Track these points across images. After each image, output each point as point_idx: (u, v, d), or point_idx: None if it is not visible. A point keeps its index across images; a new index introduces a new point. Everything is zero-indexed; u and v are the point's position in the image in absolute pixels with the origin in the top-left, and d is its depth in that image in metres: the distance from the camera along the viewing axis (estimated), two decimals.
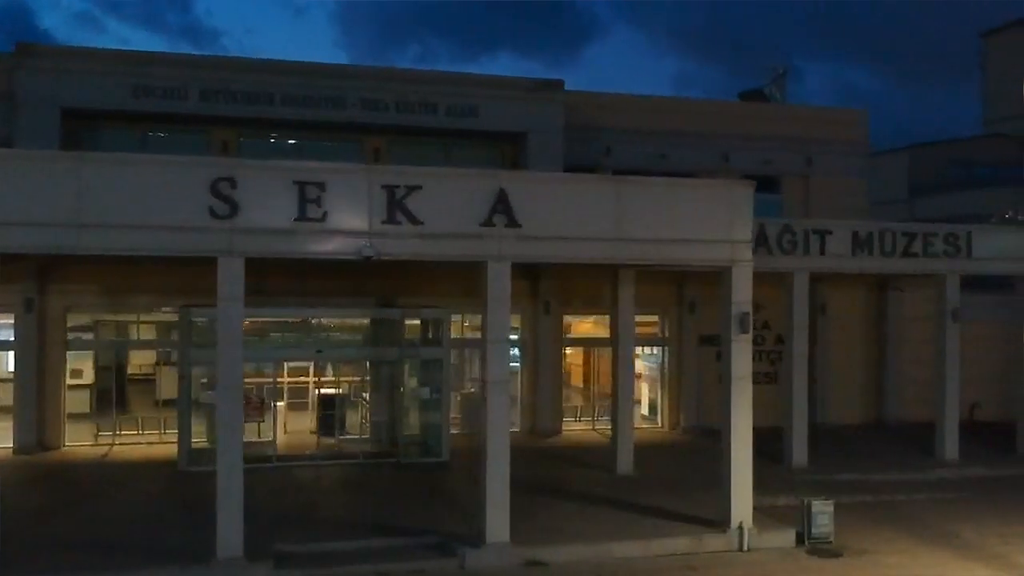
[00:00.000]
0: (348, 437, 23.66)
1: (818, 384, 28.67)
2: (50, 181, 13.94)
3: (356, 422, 24.11)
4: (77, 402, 24.54)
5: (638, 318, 28.89)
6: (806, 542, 16.84)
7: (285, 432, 24.03)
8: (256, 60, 25.69)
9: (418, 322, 23.45)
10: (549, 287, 26.24)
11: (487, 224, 15.39)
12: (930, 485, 21.71)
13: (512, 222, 15.46)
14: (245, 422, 22.11)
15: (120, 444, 23.99)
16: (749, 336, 16.94)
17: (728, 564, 15.94)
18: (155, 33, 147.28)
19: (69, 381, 24.24)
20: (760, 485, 17.60)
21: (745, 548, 16.56)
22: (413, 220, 15.05)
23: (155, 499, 18.88)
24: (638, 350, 28.77)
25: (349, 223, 14.86)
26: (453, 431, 23.23)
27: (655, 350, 28.74)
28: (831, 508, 17.06)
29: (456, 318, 24.07)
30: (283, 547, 15.42)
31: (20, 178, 13.86)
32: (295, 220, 14.68)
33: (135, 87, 23.80)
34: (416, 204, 15.05)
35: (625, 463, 21.35)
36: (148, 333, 25.33)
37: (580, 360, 29.61)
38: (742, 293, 16.76)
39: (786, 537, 16.97)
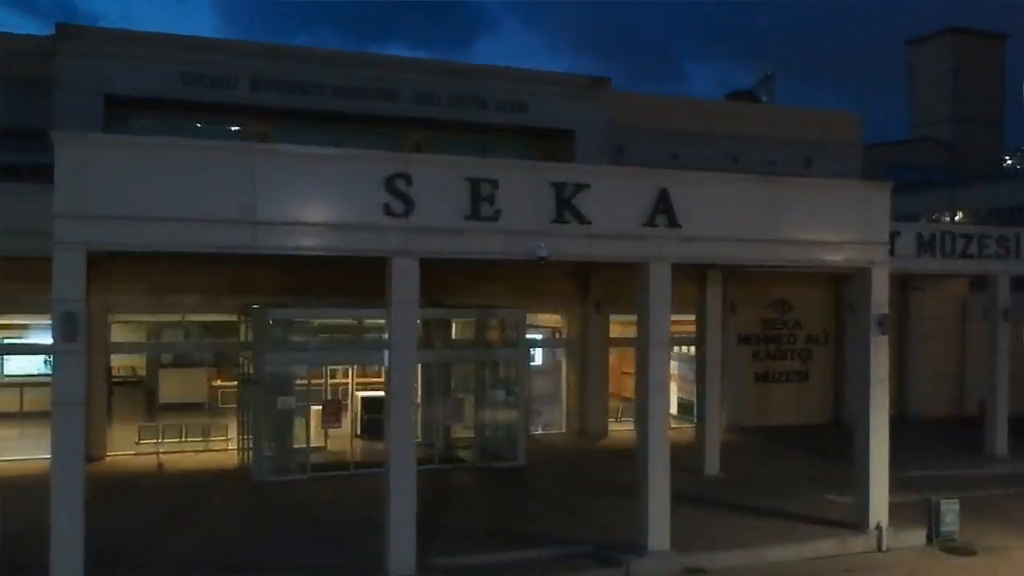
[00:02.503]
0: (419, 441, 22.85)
1: (846, 383, 29.14)
2: (222, 175, 12.94)
3: (425, 426, 23.26)
4: (117, 409, 23.10)
5: (676, 318, 29.02)
6: (934, 540, 17.00)
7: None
8: (309, 49, 24.73)
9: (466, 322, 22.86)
10: (599, 287, 25.93)
11: (649, 224, 15.00)
12: (992, 481, 22.22)
13: (673, 222, 15.10)
14: (327, 427, 21.52)
15: (164, 453, 22.62)
16: (886, 337, 16.95)
17: (881, 566, 15.93)
18: (26, 16, 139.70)
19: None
20: (839, 484, 17.65)
21: (884, 548, 16.60)
22: (581, 220, 14.54)
23: (257, 512, 17.84)
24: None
25: (520, 222, 14.25)
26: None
27: (691, 350, 28.69)
28: (957, 506, 17.24)
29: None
30: (439, 561, 14.71)
31: (190, 170, 12.79)
32: (466, 219, 14.00)
33: (184, 74, 22.52)
34: (583, 203, 14.55)
35: (712, 464, 21.24)
36: (194, 334, 23.99)
37: (615, 360, 29.39)
38: (880, 295, 16.76)
39: (917, 536, 17.07)
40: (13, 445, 22.51)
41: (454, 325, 23.35)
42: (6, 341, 25.69)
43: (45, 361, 26.91)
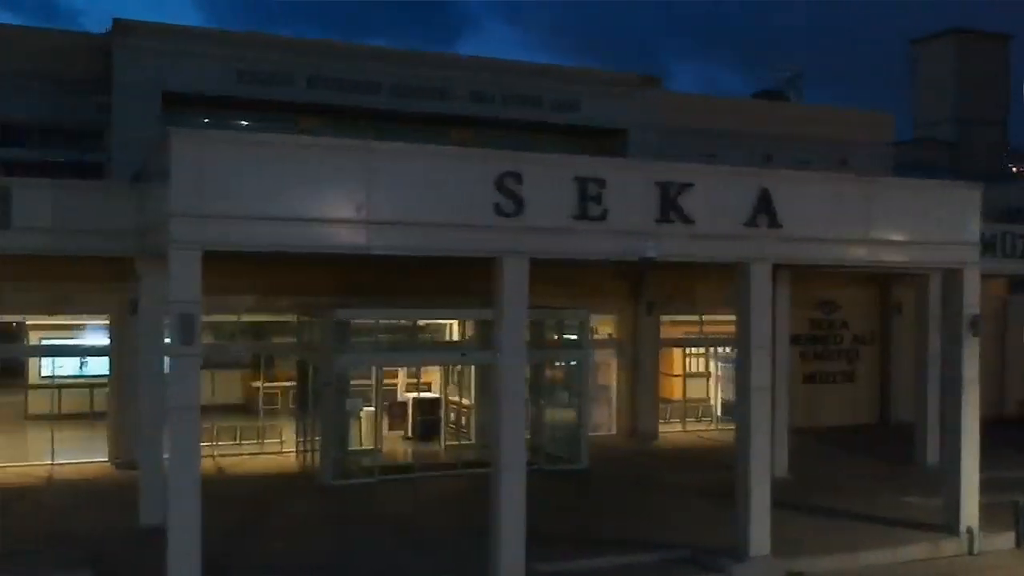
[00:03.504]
0: (464, 443, 22.64)
1: (892, 383, 29.10)
2: (337, 173, 12.65)
3: (480, 428, 22.97)
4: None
5: (722, 318, 28.86)
6: (1022, 543, 16.87)
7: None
8: (366, 46, 24.42)
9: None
10: (652, 287, 25.72)
11: (750, 224, 14.78)
12: None
13: (774, 222, 14.88)
14: (393, 429, 21.27)
15: (220, 456, 22.24)
16: (978, 338, 16.78)
17: (978, 570, 15.79)
18: (3, 11, 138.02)
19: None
20: (909, 486, 17.48)
21: (975, 552, 16.46)
22: (685, 219, 14.31)
23: (338, 517, 17.52)
24: (710, 350, 28.78)
25: (627, 222, 14.01)
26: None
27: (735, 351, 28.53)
28: None
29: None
30: (542, 567, 14.43)
31: (304, 169, 12.48)
32: (574, 218, 13.75)
33: (241, 71, 22.17)
34: (687, 202, 14.31)
35: (780, 466, 21.03)
36: (247, 335, 23.59)
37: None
38: (972, 295, 16.57)
39: (1005, 539, 16.94)
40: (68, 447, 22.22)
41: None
42: (46, 342, 25.20)
43: (81, 364, 26.54)
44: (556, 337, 22.49)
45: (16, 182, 15.95)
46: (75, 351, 23.47)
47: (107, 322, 21.78)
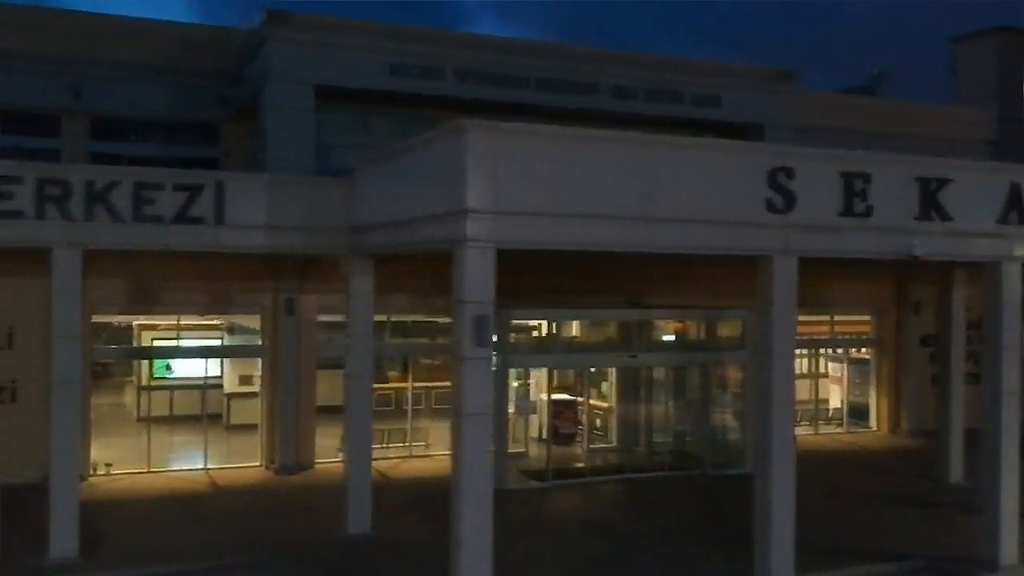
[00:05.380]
0: (605, 447, 22.13)
1: None
2: (621, 168, 12.07)
3: (622, 431, 22.43)
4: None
5: (849, 318, 28.40)
6: None
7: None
8: (514, 40, 23.84)
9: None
10: None
11: (1002, 221, 14.25)
12: None
13: (1023, 219, 14.37)
14: (562, 431, 20.74)
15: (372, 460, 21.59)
16: None
17: None
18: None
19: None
20: None
21: None
22: (943, 216, 13.76)
23: (545, 523, 17.01)
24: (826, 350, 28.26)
25: (890, 219, 13.46)
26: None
27: (863, 351, 28.10)
28: None
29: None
30: None
31: (591, 163, 11.91)
32: (840, 215, 13.22)
33: (392, 65, 21.55)
34: (945, 199, 13.77)
35: (956, 471, 20.53)
36: (396, 335, 22.92)
37: None
38: None
39: None
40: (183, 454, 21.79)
41: (655, 326, 22.47)
42: (158, 343, 24.55)
43: (167, 366, 25.89)
44: (718, 338, 21.87)
45: (229, 176, 15.32)
46: (226, 352, 22.84)
47: (258, 323, 21.20)
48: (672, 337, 22.13)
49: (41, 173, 13.89)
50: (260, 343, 21.30)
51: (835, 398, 28.55)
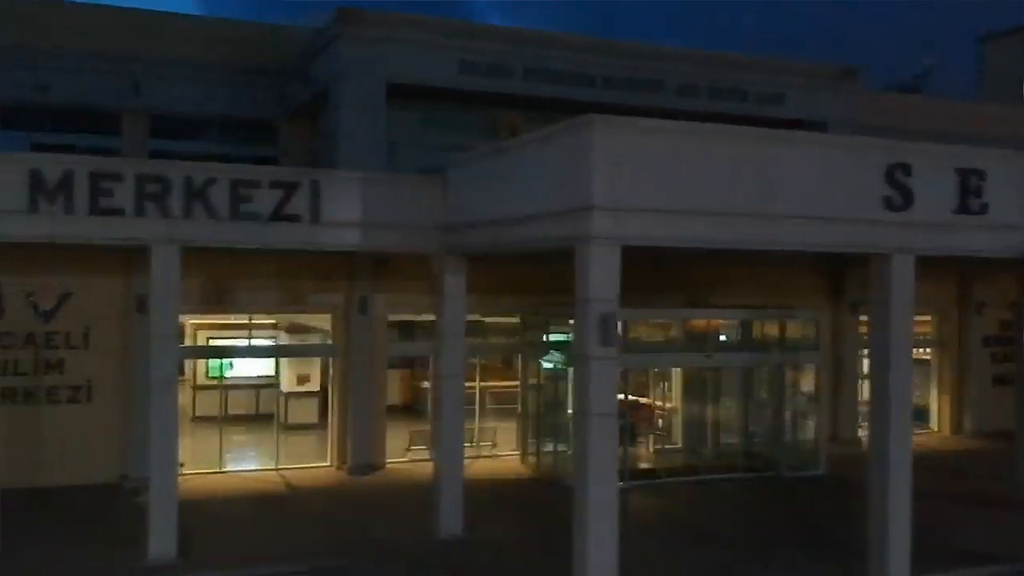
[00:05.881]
0: (670, 448, 21.87)
1: None
2: (742, 163, 11.88)
3: (687, 432, 22.18)
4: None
5: (917, 318, 28.06)
6: None
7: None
8: (581, 37, 23.59)
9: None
10: (856, 285, 24.89)
11: None
12: None
13: None
14: (641, 435, 20.53)
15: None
16: None
17: None
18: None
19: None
20: None
21: None
22: None
23: (640, 524, 16.72)
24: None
25: (1003, 217, 13.25)
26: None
27: (924, 352, 27.80)
28: None
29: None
30: None
31: (713, 159, 11.74)
32: (954, 213, 13.01)
33: (462, 62, 21.39)
34: None
35: None
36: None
37: None
38: None
39: None
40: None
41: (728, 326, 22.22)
42: (213, 342, 24.41)
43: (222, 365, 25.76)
44: (791, 338, 21.61)
45: (324, 173, 15.16)
46: (297, 351, 22.75)
47: (328, 323, 21.06)
48: (736, 337, 21.89)
49: (141, 169, 13.76)
50: (330, 342, 21.15)
51: None
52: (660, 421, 22.82)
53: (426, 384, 27.00)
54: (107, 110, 23.96)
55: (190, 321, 24.23)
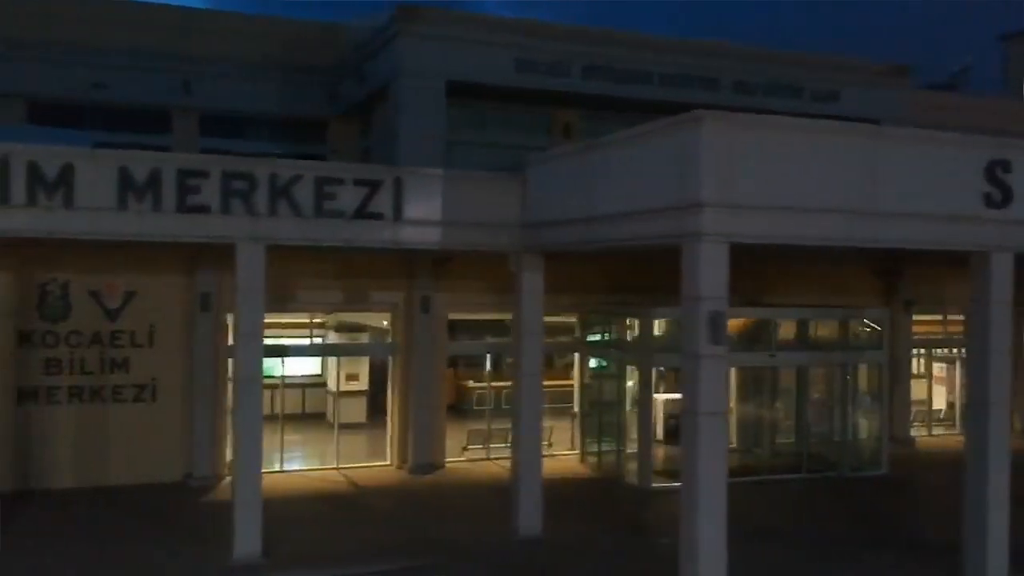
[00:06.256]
0: (735, 448, 21.73)
1: None
2: (849, 160, 11.76)
3: (743, 432, 22.06)
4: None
5: (951, 317, 27.90)
6: None
7: None
8: (639, 34, 23.44)
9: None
10: (910, 285, 24.77)
11: None
12: None
13: None
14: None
15: (496, 459, 21.32)
16: None
17: None
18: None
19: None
20: None
21: None
22: None
23: None
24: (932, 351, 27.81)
25: None
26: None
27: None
28: None
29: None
30: None
31: (822, 156, 11.62)
32: None
33: (519, 60, 21.27)
34: None
35: None
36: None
37: None
38: None
39: None
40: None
41: (779, 325, 22.11)
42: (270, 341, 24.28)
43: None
44: (854, 337, 21.45)
45: (406, 171, 15.06)
46: (357, 350, 22.70)
47: (387, 322, 21.00)
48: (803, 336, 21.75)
49: (227, 167, 13.67)
50: (389, 340, 21.09)
51: (939, 399, 28.11)
52: None
53: (471, 383, 27.08)
54: (159, 108, 23.90)
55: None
